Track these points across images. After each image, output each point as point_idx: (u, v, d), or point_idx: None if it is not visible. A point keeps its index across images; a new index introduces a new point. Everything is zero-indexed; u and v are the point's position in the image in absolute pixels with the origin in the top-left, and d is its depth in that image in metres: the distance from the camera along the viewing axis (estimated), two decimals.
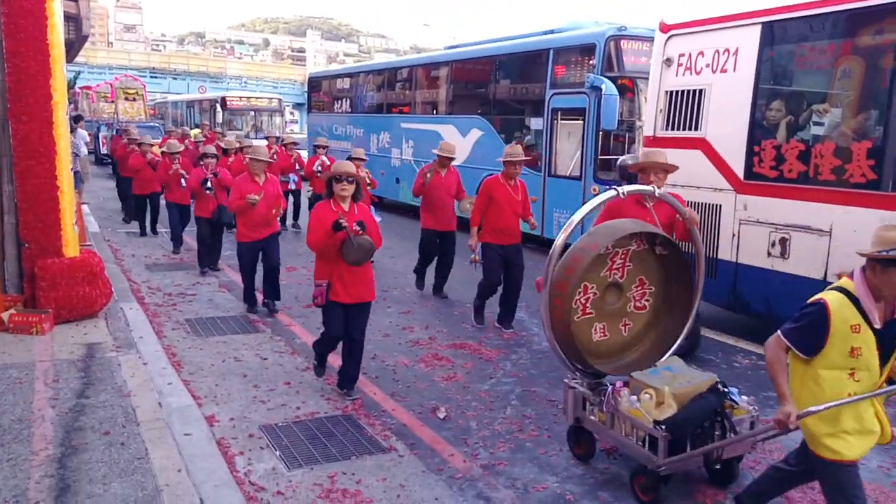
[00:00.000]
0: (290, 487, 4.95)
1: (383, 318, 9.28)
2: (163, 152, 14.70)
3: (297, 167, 16.05)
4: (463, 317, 9.51)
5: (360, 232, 6.13)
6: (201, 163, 11.93)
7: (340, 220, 6.04)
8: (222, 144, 15.58)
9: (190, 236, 13.43)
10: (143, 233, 15.46)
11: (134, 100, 33.25)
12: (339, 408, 6.37)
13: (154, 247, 13.88)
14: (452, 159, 10.73)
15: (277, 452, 5.46)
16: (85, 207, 16.26)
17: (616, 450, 5.62)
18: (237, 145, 15.42)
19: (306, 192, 15.50)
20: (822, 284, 7.36)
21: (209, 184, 11.43)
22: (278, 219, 10.01)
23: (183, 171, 12.94)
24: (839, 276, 3.95)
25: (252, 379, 7.02)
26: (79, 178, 16.12)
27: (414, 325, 9.03)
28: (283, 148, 16.31)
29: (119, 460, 4.99)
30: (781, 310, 7.96)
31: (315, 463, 5.32)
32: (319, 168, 14.03)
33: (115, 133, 26.98)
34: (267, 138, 17.66)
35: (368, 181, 12.43)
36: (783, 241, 7.83)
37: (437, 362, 7.70)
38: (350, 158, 11.82)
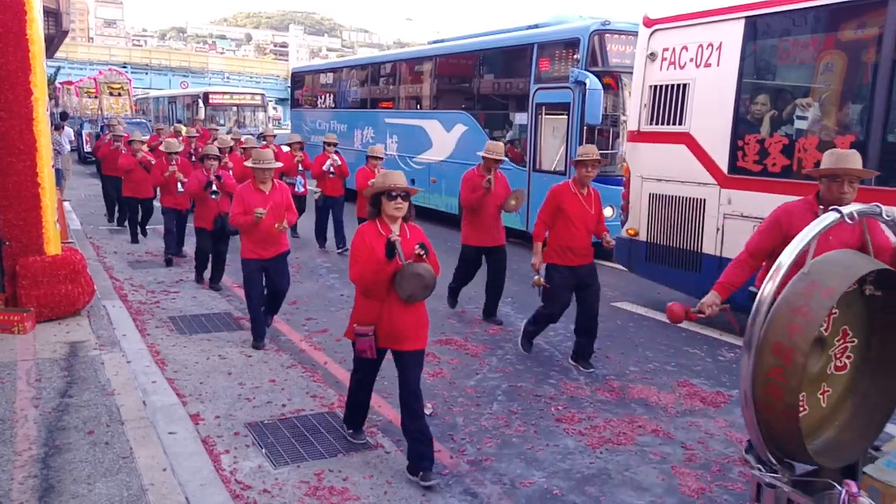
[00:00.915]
0: (276, 485, 4.93)
1: None
2: (157, 149, 13.60)
3: (301, 168, 14.34)
4: (448, 312, 9.49)
5: (423, 256, 4.93)
6: (202, 164, 10.59)
7: (394, 240, 4.82)
8: (216, 143, 13.41)
9: (190, 246, 12.47)
10: (134, 240, 13.97)
11: (119, 94, 32.03)
12: (325, 405, 6.34)
13: (137, 245, 13.76)
14: (501, 162, 8.86)
15: (263, 450, 5.43)
16: (66, 205, 16.06)
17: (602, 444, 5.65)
18: (231, 143, 13.91)
19: (313, 193, 14.37)
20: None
21: (214, 187, 10.16)
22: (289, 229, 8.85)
23: (180, 175, 11.73)
24: None
25: (237, 377, 6.98)
26: (60, 175, 15.91)
27: None
28: (288, 147, 14.41)
29: (104, 460, 4.96)
30: None
31: (301, 461, 5.30)
32: (331, 169, 13.13)
33: (99, 130, 26.20)
34: (265, 137, 15.86)
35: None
36: None
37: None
38: (369, 158, 11.64)
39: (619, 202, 10.28)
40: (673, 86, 8.94)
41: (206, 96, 35.00)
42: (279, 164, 8.38)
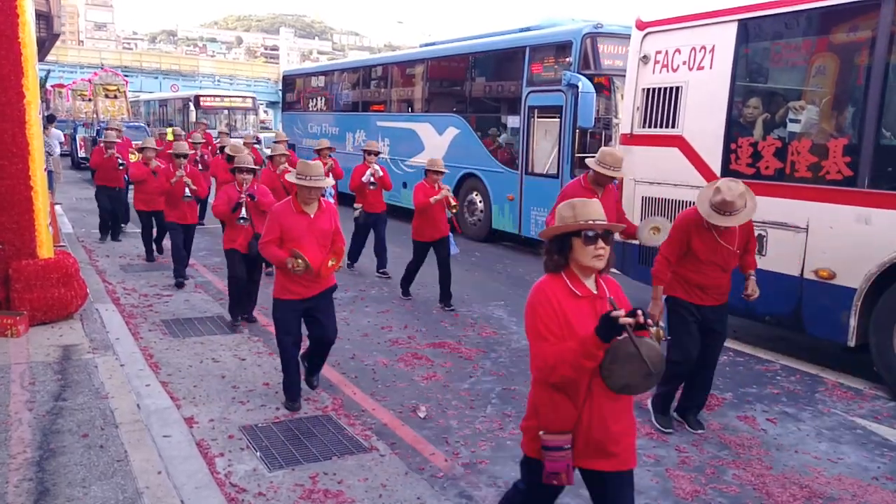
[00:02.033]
0: (271, 488, 4.92)
1: (361, 317, 9.26)
2: (162, 156, 12.62)
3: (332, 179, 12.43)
4: (441, 315, 9.50)
5: (651, 326, 3.20)
6: (232, 177, 9.06)
7: (616, 315, 3.04)
8: (228, 150, 12.33)
9: (212, 271, 12.33)
10: (150, 258, 12.59)
11: (115, 97, 29.44)
12: (320, 408, 6.34)
13: (129, 248, 13.72)
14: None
15: (258, 453, 5.42)
16: (58, 208, 16.01)
17: None
18: (225, 148, 13.07)
19: (353, 211, 12.11)
20: (799, 281, 7.43)
21: (244, 212, 8.57)
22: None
23: (188, 180, 10.62)
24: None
25: (231, 380, 6.97)
26: (52, 178, 15.77)
27: (392, 324, 9.00)
28: (317, 154, 12.53)
29: (98, 463, 4.94)
30: (759, 306, 8.01)
31: (296, 464, 5.29)
32: (372, 179, 11.59)
33: (95, 134, 24.90)
34: (273, 143, 13.79)
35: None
36: (760, 238, 7.85)
37: (417, 361, 7.68)
38: (429, 172, 9.92)
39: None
40: (666, 89, 8.96)
41: (196, 99, 34.96)
42: (330, 182, 6.98)
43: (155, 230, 12.61)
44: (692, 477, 5.25)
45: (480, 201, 15.45)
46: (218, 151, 14.82)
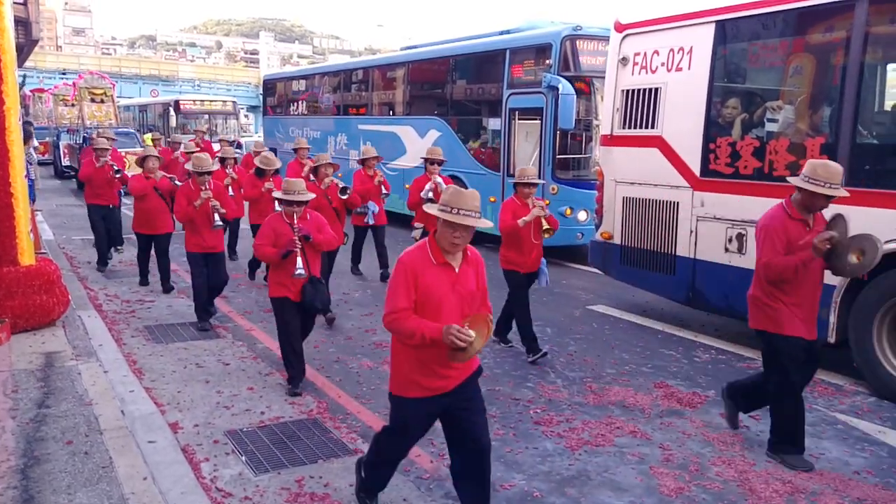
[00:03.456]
0: (257, 492, 4.93)
1: (345, 321, 9.26)
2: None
3: (384, 191, 11.50)
4: None
5: None
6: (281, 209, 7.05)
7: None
8: (259, 162, 11.19)
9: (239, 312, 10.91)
10: (144, 281, 11.17)
11: (102, 101, 27.01)
12: (305, 412, 6.34)
13: (111, 254, 13.64)
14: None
15: (243, 458, 5.42)
16: (38, 215, 15.89)
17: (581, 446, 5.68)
18: (235, 155, 12.33)
19: (410, 234, 10.46)
20: None
21: (300, 267, 6.72)
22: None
23: (217, 203, 8.75)
24: None
25: (215, 385, 6.96)
26: (33, 186, 15.50)
27: (376, 327, 9.00)
28: (361, 165, 11.60)
29: (83, 470, 4.93)
30: (740, 305, 8.07)
31: (282, 467, 5.30)
32: (430, 195, 10.08)
33: (82, 141, 23.15)
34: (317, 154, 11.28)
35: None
36: (740, 237, 7.94)
37: None
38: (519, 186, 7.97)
39: (593, 206, 10.34)
40: (645, 90, 9.02)
41: (177, 104, 34.87)
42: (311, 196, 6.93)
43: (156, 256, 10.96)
44: (676, 474, 5.30)
45: None
46: (220, 163, 12.28)
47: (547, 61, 13.09)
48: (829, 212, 5.41)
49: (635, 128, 9.16)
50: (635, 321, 9.47)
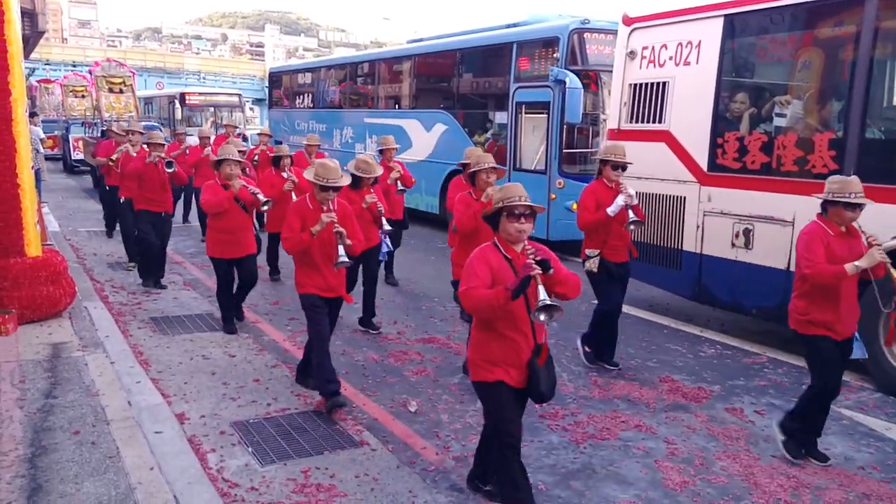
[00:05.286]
0: (263, 483, 4.94)
1: (351, 313, 9.26)
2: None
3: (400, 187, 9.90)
4: (430, 311, 9.53)
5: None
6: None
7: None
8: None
9: (199, 268, 10.82)
10: (230, 328, 8.46)
11: (121, 91, 24.15)
12: (310, 403, 6.36)
13: (117, 246, 13.65)
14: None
15: (250, 449, 5.44)
16: (44, 206, 15.88)
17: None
18: (243, 147, 11.21)
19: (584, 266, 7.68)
20: (786, 274, 7.48)
21: (342, 251, 6.14)
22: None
23: (264, 197, 8.00)
24: None
25: (221, 376, 6.97)
26: (39, 177, 15.45)
27: (382, 320, 9.00)
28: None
29: (90, 459, 4.94)
30: (746, 300, 8.09)
31: (288, 458, 5.31)
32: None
33: (100, 134, 21.27)
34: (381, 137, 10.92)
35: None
36: (747, 232, 7.93)
37: (407, 357, 7.70)
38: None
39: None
40: (652, 84, 9.01)
41: (182, 97, 34.80)
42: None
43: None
44: (681, 468, 5.30)
45: None
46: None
47: (554, 55, 13.08)
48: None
49: (643, 122, 9.14)
50: (641, 316, 9.47)
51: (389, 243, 8.58)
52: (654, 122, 8.97)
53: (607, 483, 5.09)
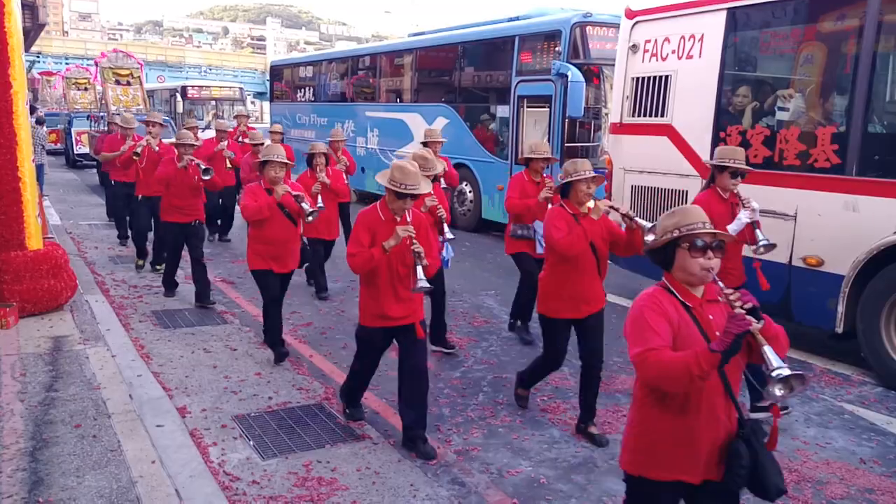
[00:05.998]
0: (265, 476, 4.94)
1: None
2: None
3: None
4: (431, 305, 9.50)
5: None
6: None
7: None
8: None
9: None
10: (280, 358, 7.27)
11: (128, 83, 22.64)
12: (312, 397, 6.36)
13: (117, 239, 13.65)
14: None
15: (251, 442, 5.44)
16: (45, 200, 15.84)
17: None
18: (263, 140, 11.06)
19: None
20: (788, 268, 7.48)
21: (421, 274, 5.24)
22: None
23: (309, 207, 7.12)
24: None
25: (222, 370, 6.97)
26: (42, 171, 15.35)
27: None
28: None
29: (92, 453, 4.95)
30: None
31: (289, 452, 5.31)
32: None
33: (105, 128, 19.78)
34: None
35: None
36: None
37: None
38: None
39: (602, 195, 10.31)
40: (655, 77, 8.98)
41: (184, 90, 34.84)
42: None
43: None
44: None
45: (470, 191, 15.44)
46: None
47: (556, 48, 13.04)
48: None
49: (645, 116, 9.12)
50: None
51: (451, 249, 7.70)
52: (656, 115, 8.95)
53: (609, 476, 5.09)
